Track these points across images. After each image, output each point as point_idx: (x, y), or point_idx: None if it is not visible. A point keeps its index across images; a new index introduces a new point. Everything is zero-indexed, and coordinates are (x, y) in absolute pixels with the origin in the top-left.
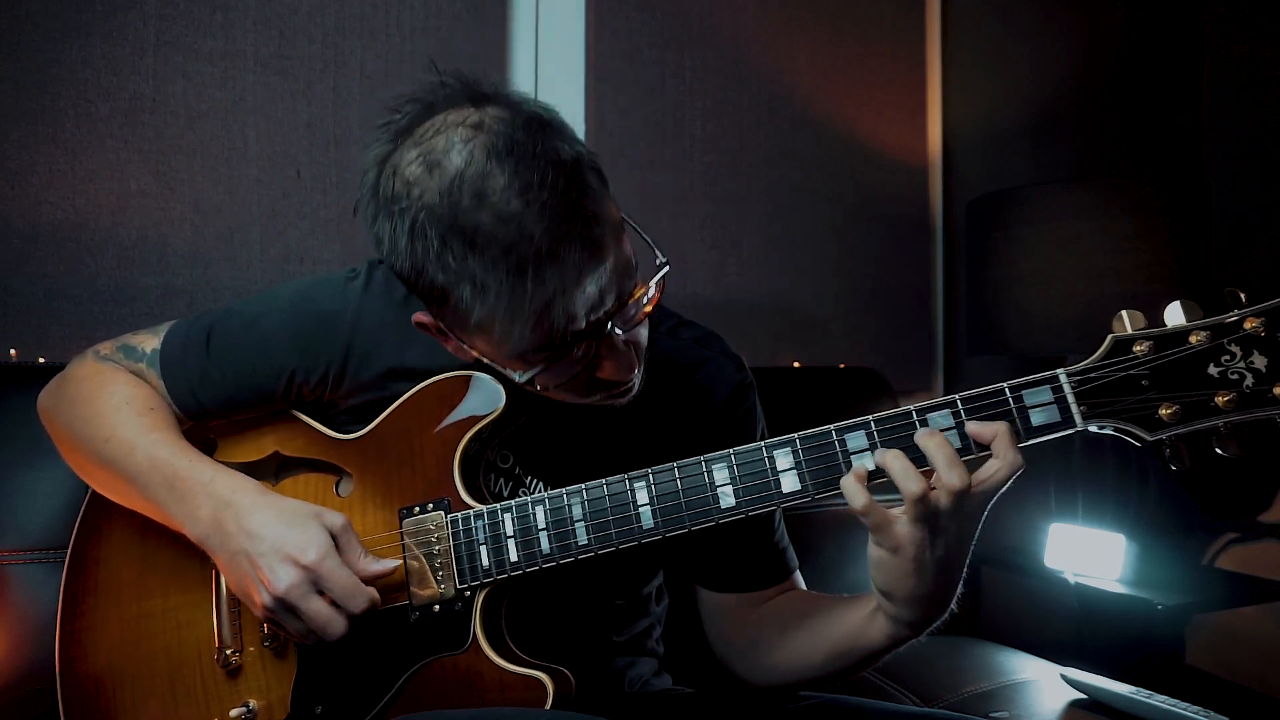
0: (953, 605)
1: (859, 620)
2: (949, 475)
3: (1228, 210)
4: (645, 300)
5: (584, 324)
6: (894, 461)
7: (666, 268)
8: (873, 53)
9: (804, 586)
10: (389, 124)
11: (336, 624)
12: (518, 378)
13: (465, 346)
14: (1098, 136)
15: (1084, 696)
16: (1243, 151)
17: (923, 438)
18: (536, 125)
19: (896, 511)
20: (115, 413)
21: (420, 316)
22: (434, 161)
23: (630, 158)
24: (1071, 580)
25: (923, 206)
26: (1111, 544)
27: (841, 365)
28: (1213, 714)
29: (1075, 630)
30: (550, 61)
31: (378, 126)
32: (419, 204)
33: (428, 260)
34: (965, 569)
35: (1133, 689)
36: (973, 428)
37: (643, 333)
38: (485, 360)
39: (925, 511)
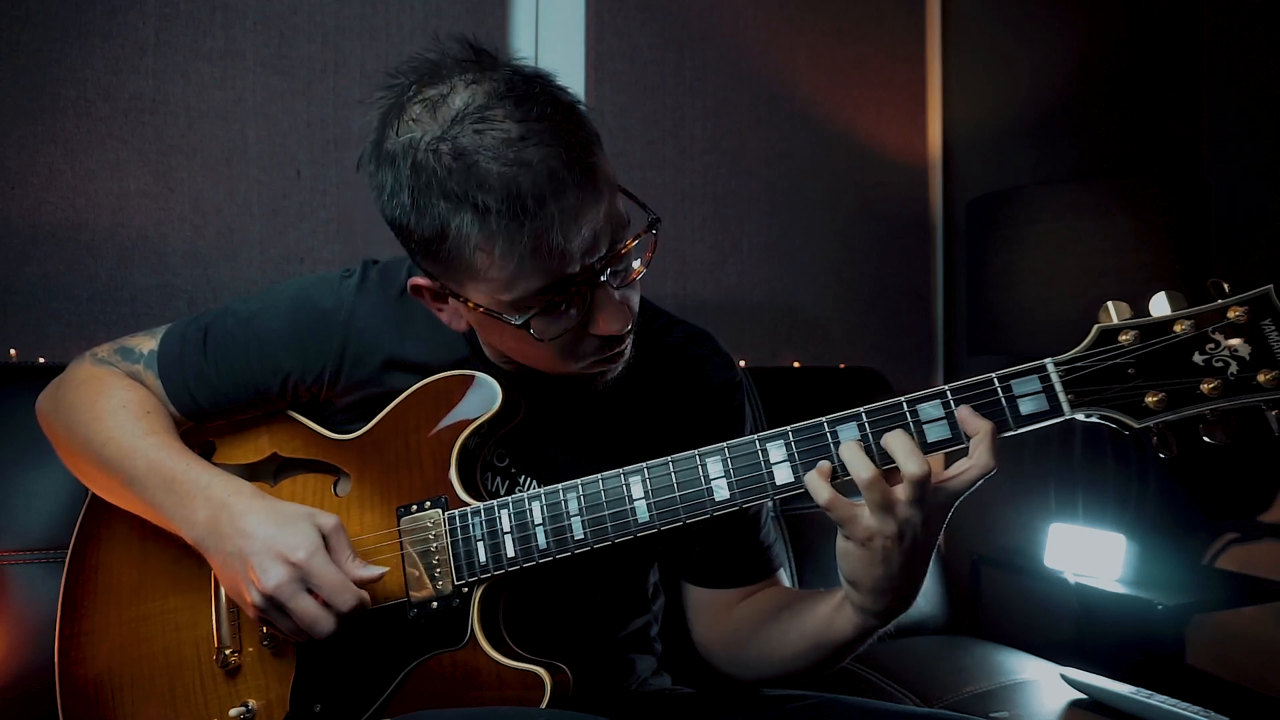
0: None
1: (828, 611)
2: (907, 465)
3: (1227, 210)
4: (638, 255)
5: (578, 266)
6: (850, 454)
7: (659, 222)
8: (873, 53)
9: (787, 584)
10: (393, 85)
11: (325, 622)
12: (514, 321)
13: (461, 304)
14: (1098, 136)
15: (1084, 696)
16: (1243, 151)
17: (886, 438)
18: (536, 75)
19: (864, 504)
20: (113, 416)
21: (416, 280)
22: (436, 103)
23: (630, 158)
24: (1071, 580)
25: (923, 206)
26: (1111, 544)
27: (841, 365)
28: (1213, 714)
29: (1075, 630)
30: (550, 61)
31: (381, 88)
32: (422, 141)
33: (430, 191)
34: (931, 560)
35: (1133, 689)
36: (963, 413)
37: (634, 297)
38: (482, 310)
39: (884, 500)
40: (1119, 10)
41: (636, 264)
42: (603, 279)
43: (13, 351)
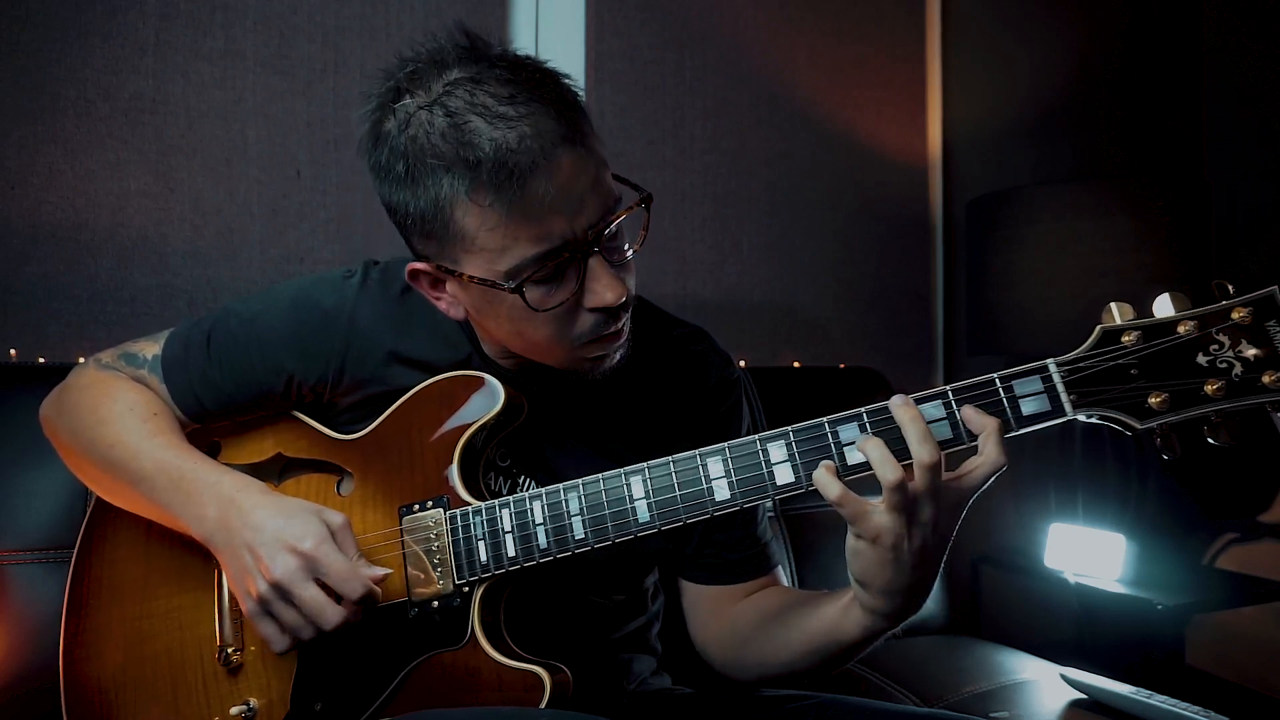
0: (927, 599)
1: (835, 612)
2: (919, 451)
3: (1227, 210)
4: (630, 237)
5: (569, 229)
6: (874, 450)
7: (650, 199)
8: (873, 53)
9: (785, 583)
10: (391, 76)
11: (331, 611)
12: (508, 286)
13: (458, 282)
14: (1098, 136)
15: (1084, 696)
16: (1243, 151)
17: (898, 407)
18: (530, 58)
19: (875, 501)
20: (119, 419)
21: (414, 264)
22: (431, 78)
23: (630, 158)
24: (1071, 580)
25: (923, 206)
26: (1111, 544)
27: (841, 365)
28: (1213, 714)
29: (1075, 630)
30: (550, 60)
31: (380, 81)
32: (416, 110)
33: (423, 155)
34: (942, 563)
35: (1133, 689)
36: (967, 412)
37: (629, 279)
38: (477, 281)
39: (903, 500)
40: (1119, 10)
41: (629, 249)
42: (596, 250)
43: (13, 351)
